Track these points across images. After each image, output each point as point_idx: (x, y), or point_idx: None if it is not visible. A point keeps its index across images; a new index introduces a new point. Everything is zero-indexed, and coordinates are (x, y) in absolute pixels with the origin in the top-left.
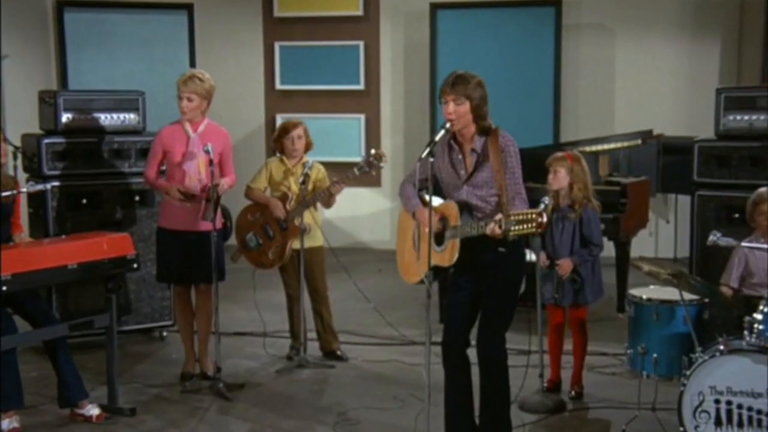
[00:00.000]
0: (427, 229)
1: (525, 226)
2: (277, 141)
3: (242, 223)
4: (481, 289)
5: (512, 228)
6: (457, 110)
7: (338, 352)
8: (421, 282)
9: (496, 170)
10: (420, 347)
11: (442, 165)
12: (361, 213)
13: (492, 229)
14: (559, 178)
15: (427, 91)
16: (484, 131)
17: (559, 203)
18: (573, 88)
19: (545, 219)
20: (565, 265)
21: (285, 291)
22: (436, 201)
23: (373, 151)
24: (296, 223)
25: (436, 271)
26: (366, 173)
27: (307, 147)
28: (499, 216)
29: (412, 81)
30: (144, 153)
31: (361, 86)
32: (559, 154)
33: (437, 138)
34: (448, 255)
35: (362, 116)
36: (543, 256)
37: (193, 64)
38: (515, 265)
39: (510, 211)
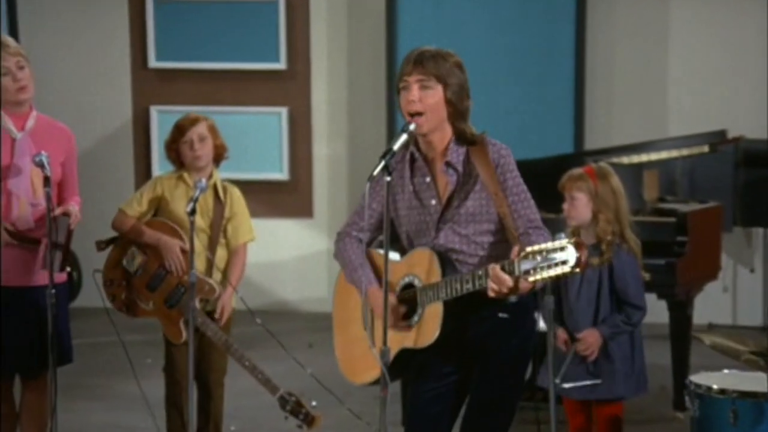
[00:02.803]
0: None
1: (556, 265)
2: (170, 148)
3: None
4: (467, 377)
5: (537, 269)
6: (424, 98)
7: None
8: (377, 383)
9: (493, 193)
10: None
11: (399, 194)
12: (283, 257)
13: (498, 278)
14: (578, 206)
15: (382, 73)
16: (464, 138)
17: None
18: (603, 72)
19: (585, 256)
20: (589, 340)
21: (166, 374)
22: (396, 257)
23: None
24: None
25: (402, 361)
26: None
27: (218, 154)
28: (514, 253)
29: (360, 58)
30: None
31: (281, 64)
32: (577, 171)
33: (397, 145)
34: (426, 330)
35: (283, 110)
36: (561, 329)
37: (13, 30)
38: (521, 340)
39: (523, 244)
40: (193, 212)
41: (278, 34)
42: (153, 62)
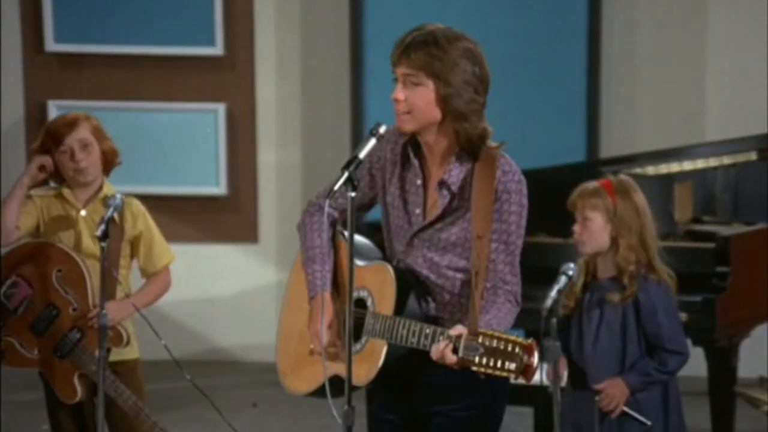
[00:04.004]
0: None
1: (499, 363)
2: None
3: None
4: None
5: (476, 360)
6: (410, 97)
7: None
8: (316, 395)
9: (476, 236)
10: None
11: (389, 178)
12: (220, 294)
13: (441, 352)
14: (592, 229)
15: (345, 60)
16: (471, 148)
17: (592, 275)
18: (622, 62)
19: (535, 362)
20: (612, 391)
21: None
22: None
23: None
24: (93, 323)
25: (341, 384)
26: None
27: (107, 161)
28: (457, 330)
29: (318, 41)
30: None
31: (217, 49)
32: (591, 185)
33: (363, 151)
34: (364, 366)
35: (220, 107)
36: (564, 363)
37: None
38: (489, 395)
39: (480, 322)
40: (105, 237)
41: (213, 11)
42: (51, 45)
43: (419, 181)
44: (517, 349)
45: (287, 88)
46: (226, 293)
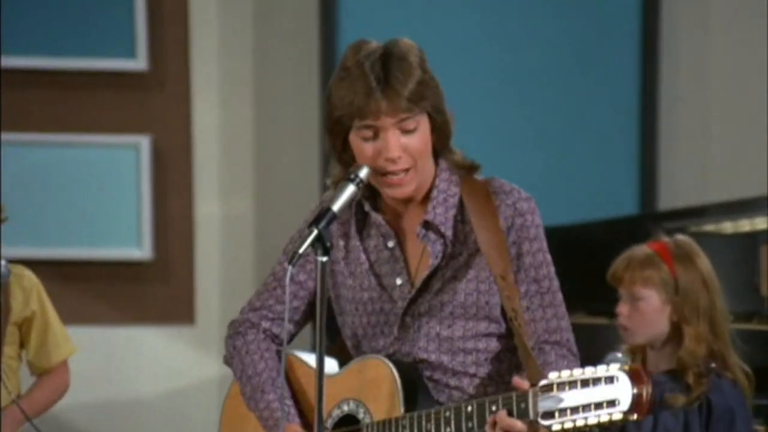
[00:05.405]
0: None
1: (598, 407)
2: None
3: None
4: None
5: (565, 412)
6: (409, 146)
7: None
8: None
9: (499, 275)
10: None
11: (341, 266)
12: (144, 393)
13: (503, 423)
14: (645, 311)
15: (314, 79)
16: (454, 173)
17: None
18: (688, 85)
19: (647, 392)
20: None
21: None
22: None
23: None
24: None
25: None
26: None
27: None
28: (519, 384)
29: (277, 54)
30: None
31: (140, 63)
32: (641, 251)
33: (338, 204)
34: None
35: (144, 139)
36: None
37: None
38: None
39: (540, 368)
40: None
41: (134, 11)
42: None
43: (391, 243)
44: (617, 382)
45: (235, 114)
46: (152, 392)
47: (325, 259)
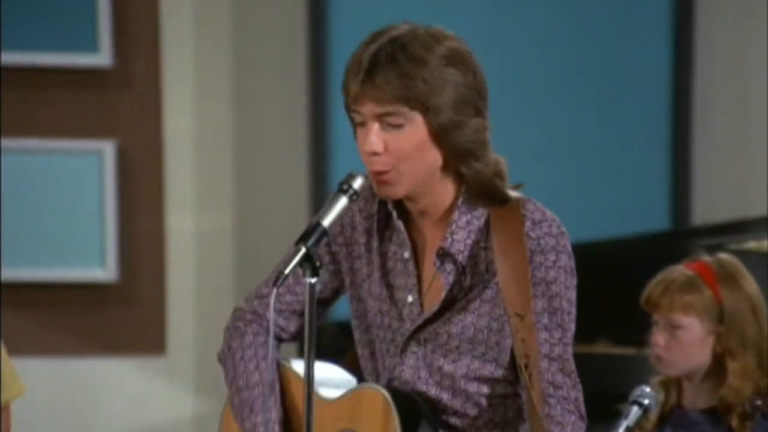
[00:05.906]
0: None
1: None
2: None
3: None
4: None
5: None
6: (392, 143)
7: None
8: None
9: (514, 313)
10: None
11: (363, 267)
12: None
13: None
14: (684, 341)
15: (301, 77)
16: (486, 194)
17: (676, 402)
18: (723, 94)
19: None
20: None
21: None
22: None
23: None
24: None
25: None
26: None
27: None
28: None
29: (257, 46)
30: None
31: (104, 57)
32: (679, 272)
33: (328, 219)
34: None
35: (108, 145)
36: None
37: None
38: None
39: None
40: None
41: (96, 2)
42: None
43: (407, 254)
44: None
45: (212, 116)
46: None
47: (314, 280)
